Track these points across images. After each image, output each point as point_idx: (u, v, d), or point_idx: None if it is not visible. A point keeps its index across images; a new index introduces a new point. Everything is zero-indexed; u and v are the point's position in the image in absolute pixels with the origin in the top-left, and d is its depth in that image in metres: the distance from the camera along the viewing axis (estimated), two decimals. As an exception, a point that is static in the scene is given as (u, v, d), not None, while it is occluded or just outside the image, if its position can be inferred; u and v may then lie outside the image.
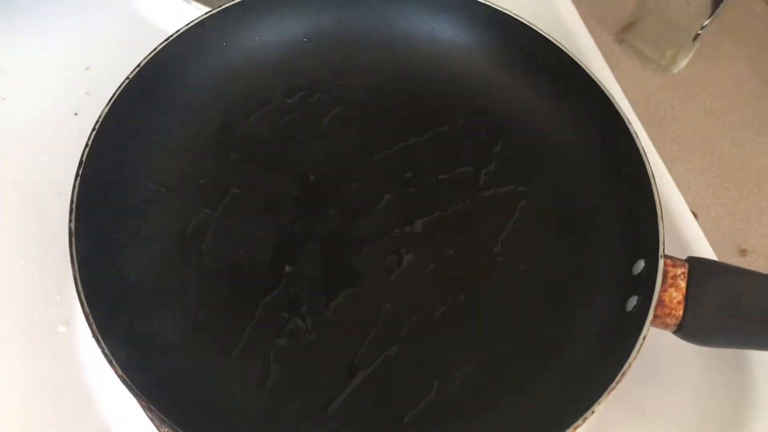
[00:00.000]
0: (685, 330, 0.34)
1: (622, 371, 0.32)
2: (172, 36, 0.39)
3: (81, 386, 0.36)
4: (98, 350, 0.33)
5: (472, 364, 0.36)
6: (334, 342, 0.36)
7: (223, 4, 0.41)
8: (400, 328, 0.37)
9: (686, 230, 0.44)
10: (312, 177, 0.40)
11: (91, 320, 0.31)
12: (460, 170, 0.41)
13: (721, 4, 0.49)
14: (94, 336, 0.30)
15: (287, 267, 0.38)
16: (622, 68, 0.53)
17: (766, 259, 0.36)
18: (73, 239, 0.33)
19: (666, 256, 0.35)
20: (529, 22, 0.41)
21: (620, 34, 0.56)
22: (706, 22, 0.50)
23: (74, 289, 0.36)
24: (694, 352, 0.40)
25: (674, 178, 0.47)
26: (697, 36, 0.51)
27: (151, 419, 0.36)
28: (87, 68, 0.46)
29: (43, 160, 0.43)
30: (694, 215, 0.46)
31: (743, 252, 0.47)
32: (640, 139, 0.45)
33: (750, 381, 0.39)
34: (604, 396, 0.31)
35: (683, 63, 0.55)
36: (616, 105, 0.39)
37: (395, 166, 0.41)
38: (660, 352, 0.38)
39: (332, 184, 0.40)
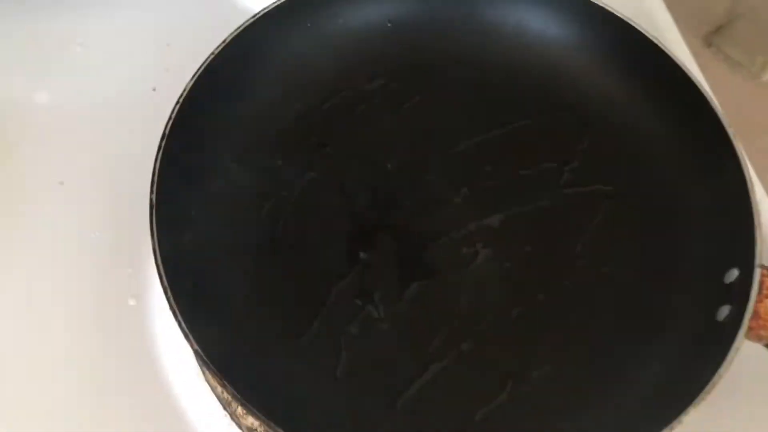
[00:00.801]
0: (781, 344, 0.32)
1: (711, 382, 0.30)
2: (257, 15, 0.39)
3: (150, 360, 0.36)
4: (168, 324, 0.33)
5: (549, 366, 0.34)
6: (407, 333, 0.35)
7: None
8: (475, 324, 0.36)
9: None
10: (389, 165, 0.40)
11: (169, 294, 0.30)
12: (542, 166, 0.40)
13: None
14: (172, 310, 0.30)
15: (362, 254, 0.37)
16: (709, 73, 0.50)
17: None
18: (154, 211, 0.32)
19: (763, 266, 0.33)
20: (624, 16, 0.40)
21: (709, 38, 0.54)
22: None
23: (145, 263, 0.37)
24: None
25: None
26: (793, 41, 0.49)
27: (219, 396, 0.35)
28: (168, 45, 0.46)
29: (120, 134, 0.43)
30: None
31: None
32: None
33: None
34: (691, 407, 0.30)
35: (775, 70, 0.53)
36: (715, 108, 0.37)
37: (475, 159, 0.40)
38: (749, 370, 0.36)
39: (409, 173, 0.40)
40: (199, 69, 0.36)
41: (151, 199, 0.33)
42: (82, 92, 0.45)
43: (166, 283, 0.31)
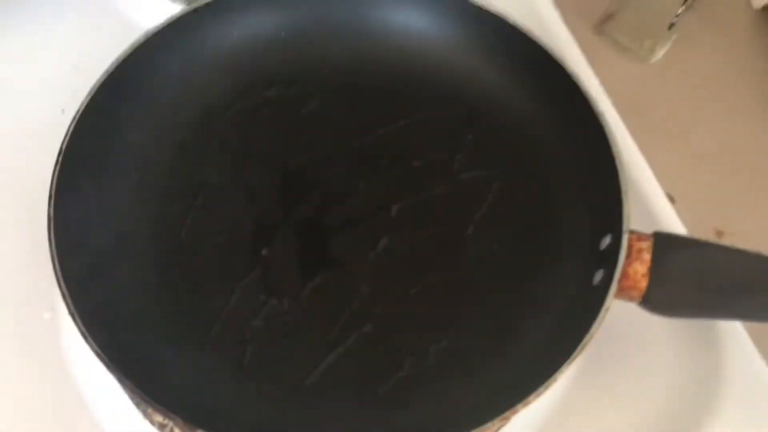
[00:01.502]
0: (649, 302, 0.35)
1: (582, 343, 0.33)
2: (152, 31, 0.41)
3: (63, 366, 0.37)
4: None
5: (445, 340, 0.37)
6: (310, 321, 0.37)
7: (202, 2, 0.42)
8: (374, 307, 0.38)
9: (660, 211, 0.44)
10: (290, 165, 0.42)
11: (68, 300, 0.32)
12: (434, 157, 0.42)
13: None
14: (71, 314, 0.32)
15: (264, 251, 0.39)
16: (601, 59, 0.53)
17: (741, 240, 0.37)
18: (52, 224, 0.34)
19: (631, 231, 0.35)
20: (498, 11, 0.42)
21: (599, 26, 0.57)
22: (680, 11, 0.51)
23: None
24: (663, 333, 0.41)
25: (653, 165, 0.47)
26: (671, 25, 0.52)
27: (131, 398, 0.37)
28: (75, 68, 0.47)
29: (32, 157, 0.44)
30: (671, 199, 0.47)
31: (720, 234, 0.48)
32: (617, 126, 0.47)
33: (720, 361, 0.40)
34: (565, 365, 0.32)
35: (661, 53, 0.56)
36: (582, 88, 0.40)
37: (371, 154, 0.42)
38: (628, 334, 0.39)
39: (310, 172, 0.42)
40: (93, 87, 0.38)
41: (48, 213, 0.34)
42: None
43: (65, 289, 0.32)
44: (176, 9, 0.46)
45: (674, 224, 0.44)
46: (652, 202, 0.45)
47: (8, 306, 0.39)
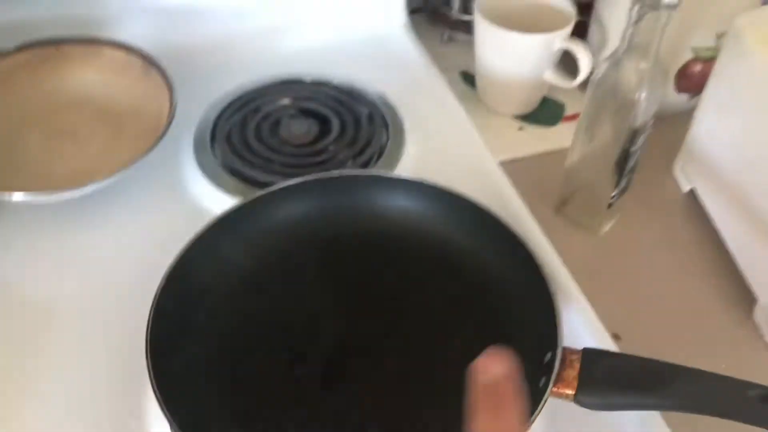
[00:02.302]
0: (579, 399, 0.47)
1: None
2: (214, 219, 0.57)
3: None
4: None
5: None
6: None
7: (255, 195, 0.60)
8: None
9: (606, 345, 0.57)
10: (316, 309, 0.56)
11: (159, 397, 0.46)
12: (420, 298, 0.57)
13: (623, 180, 0.66)
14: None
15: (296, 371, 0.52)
16: (560, 234, 0.69)
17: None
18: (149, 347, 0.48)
19: (565, 348, 0.49)
20: (470, 197, 0.59)
21: (558, 208, 0.73)
22: (614, 193, 0.67)
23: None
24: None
25: (602, 311, 0.61)
26: (610, 205, 0.68)
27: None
28: (162, 251, 0.64)
29: (129, 318, 0.59)
30: (617, 337, 0.60)
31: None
32: (569, 283, 0.61)
33: None
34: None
35: (608, 227, 0.71)
36: (534, 256, 0.54)
37: (376, 302, 0.57)
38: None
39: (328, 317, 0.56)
40: (175, 259, 0.54)
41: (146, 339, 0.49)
42: (100, 285, 0.62)
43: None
44: (232, 201, 0.64)
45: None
46: (598, 339, 0.58)
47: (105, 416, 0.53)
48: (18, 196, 0.61)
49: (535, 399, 0.47)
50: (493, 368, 0.31)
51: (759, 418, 0.45)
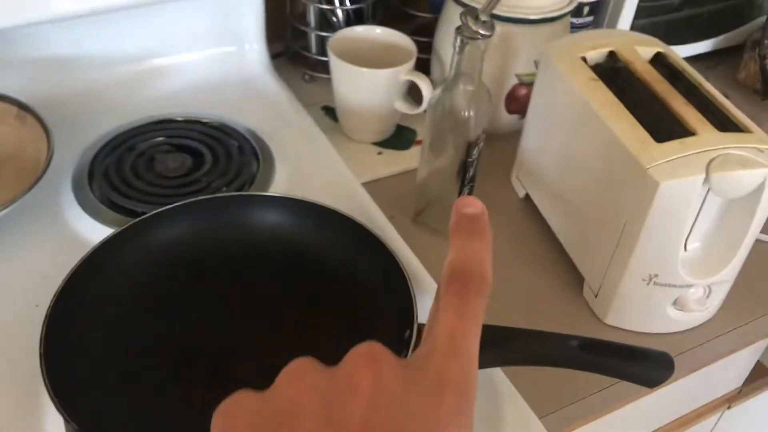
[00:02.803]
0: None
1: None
2: (96, 246, 0.62)
3: None
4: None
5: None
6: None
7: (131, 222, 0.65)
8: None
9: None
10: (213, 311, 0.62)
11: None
12: (295, 309, 0.64)
13: (465, 189, 0.77)
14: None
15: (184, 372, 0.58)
16: (419, 240, 0.78)
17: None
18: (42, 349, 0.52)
19: (421, 324, 0.57)
20: (338, 209, 0.67)
21: (414, 218, 0.82)
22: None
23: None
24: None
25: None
26: (457, 211, 0.78)
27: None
28: (44, 277, 0.67)
29: (16, 338, 0.62)
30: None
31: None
32: (428, 281, 0.69)
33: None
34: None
35: (458, 231, 0.81)
36: (393, 252, 0.63)
37: (248, 304, 0.63)
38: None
39: (225, 317, 0.62)
40: (63, 280, 0.58)
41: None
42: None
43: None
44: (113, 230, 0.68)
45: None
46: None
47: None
48: None
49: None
50: (477, 205, 0.39)
51: (581, 363, 0.55)
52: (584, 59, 0.76)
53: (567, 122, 0.76)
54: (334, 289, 0.65)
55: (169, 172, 0.78)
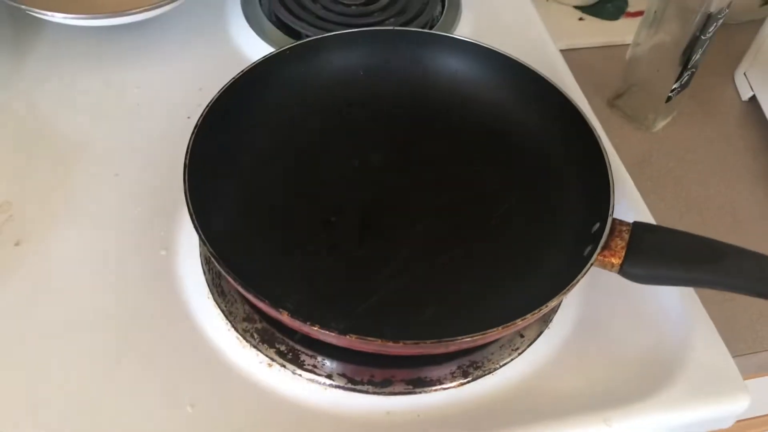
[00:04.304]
0: (625, 269, 0.45)
1: (569, 287, 0.43)
2: (258, 61, 0.55)
3: (174, 292, 0.49)
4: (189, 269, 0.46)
5: (467, 283, 0.48)
6: (364, 267, 0.49)
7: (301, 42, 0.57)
8: (409, 268, 0.49)
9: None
10: (356, 163, 0.54)
11: (192, 214, 0.44)
12: (473, 168, 0.55)
13: (684, 74, 0.63)
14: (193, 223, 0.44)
15: (333, 218, 0.51)
16: (612, 126, 0.66)
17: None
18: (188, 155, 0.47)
19: (615, 219, 0.47)
20: (533, 67, 0.56)
21: (611, 101, 0.70)
22: (673, 86, 0.64)
23: (177, 223, 0.51)
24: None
25: (648, 206, 0.58)
26: (669, 99, 0.65)
27: (224, 312, 0.48)
28: (200, 89, 0.62)
29: (164, 146, 0.58)
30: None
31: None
32: (620, 171, 0.58)
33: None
34: (554, 300, 0.43)
35: (661, 125, 0.68)
36: (594, 130, 0.52)
37: (422, 161, 0.55)
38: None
39: (373, 169, 0.54)
40: (216, 94, 0.52)
41: (185, 163, 0.47)
42: (140, 118, 0.60)
43: (191, 208, 0.44)
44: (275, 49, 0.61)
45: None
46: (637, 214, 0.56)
47: (133, 243, 0.52)
48: (58, 17, 0.59)
49: (578, 266, 0.45)
50: None
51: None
52: None
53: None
54: (511, 156, 0.55)
55: (345, -2, 0.69)
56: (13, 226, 0.52)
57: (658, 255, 0.45)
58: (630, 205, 0.56)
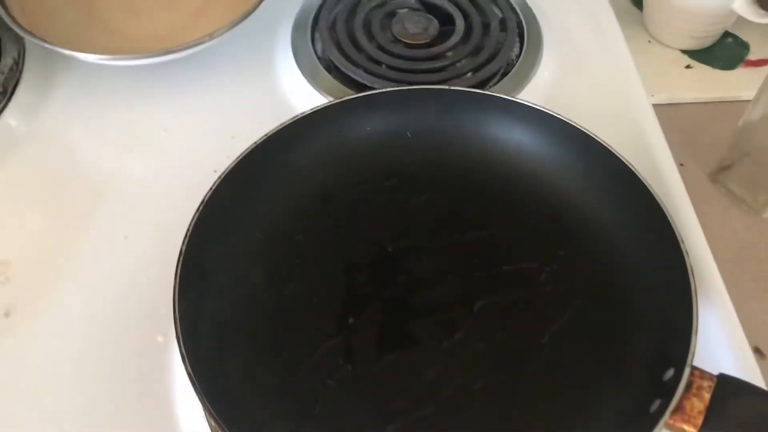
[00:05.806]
0: (703, 439, 0.35)
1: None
2: (298, 116, 0.48)
3: (165, 385, 0.43)
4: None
5: (503, 417, 0.40)
6: (377, 393, 0.41)
7: (348, 97, 0.49)
8: (438, 392, 0.41)
9: (743, 363, 0.44)
10: (390, 248, 0.46)
11: (179, 333, 0.38)
12: (524, 265, 0.46)
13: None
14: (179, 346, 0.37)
15: (351, 319, 0.43)
16: (713, 206, 0.56)
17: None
18: (180, 260, 0.40)
19: (695, 368, 0.37)
20: (606, 143, 0.46)
21: (715, 175, 0.58)
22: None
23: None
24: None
25: (746, 315, 0.48)
26: (787, 183, 0.53)
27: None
28: (232, 137, 0.55)
29: (181, 204, 0.52)
30: (760, 353, 0.47)
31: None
32: (712, 273, 0.47)
33: None
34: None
35: (775, 209, 0.56)
36: (674, 229, 0.42)
37: (466, 251, 0.46)
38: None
39: (406, 256, 0.46)
40: (240, 155, 0.45)
41: (180, 250, 0.41)
42: (164, 167, 0.54)
43: (178, 328, 0.38)
44: (325, 100, 0.54)
45: (755, 377, 0.44)
46: (735, 351, 0.45)
47: (130, 325, 0.46)
48: (92, 58, 0.54)
49: (640, 426, 0.36)
50: None
51: None
52: None
53: None
54: (577, 255, 0.46)
55: (407, 37, 0.60)
56: (8, 291, 0.48)
57: (748, 428, 0.35)
58: (719, 325, 0.45)
